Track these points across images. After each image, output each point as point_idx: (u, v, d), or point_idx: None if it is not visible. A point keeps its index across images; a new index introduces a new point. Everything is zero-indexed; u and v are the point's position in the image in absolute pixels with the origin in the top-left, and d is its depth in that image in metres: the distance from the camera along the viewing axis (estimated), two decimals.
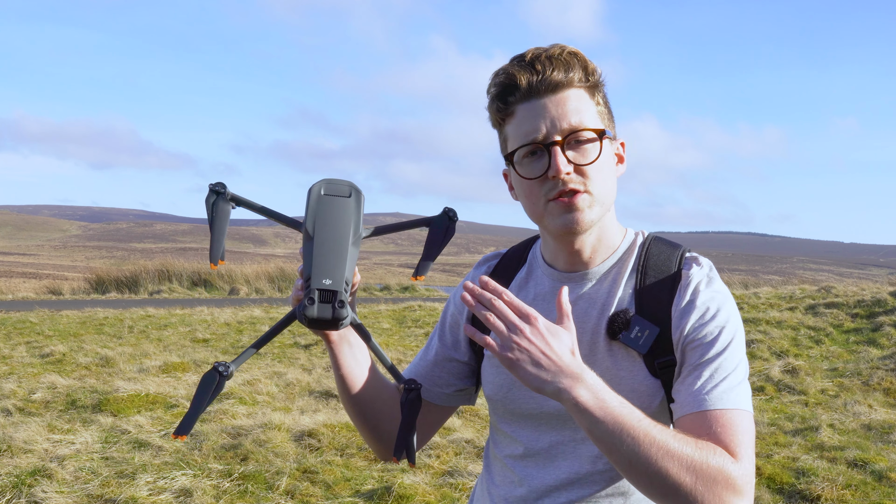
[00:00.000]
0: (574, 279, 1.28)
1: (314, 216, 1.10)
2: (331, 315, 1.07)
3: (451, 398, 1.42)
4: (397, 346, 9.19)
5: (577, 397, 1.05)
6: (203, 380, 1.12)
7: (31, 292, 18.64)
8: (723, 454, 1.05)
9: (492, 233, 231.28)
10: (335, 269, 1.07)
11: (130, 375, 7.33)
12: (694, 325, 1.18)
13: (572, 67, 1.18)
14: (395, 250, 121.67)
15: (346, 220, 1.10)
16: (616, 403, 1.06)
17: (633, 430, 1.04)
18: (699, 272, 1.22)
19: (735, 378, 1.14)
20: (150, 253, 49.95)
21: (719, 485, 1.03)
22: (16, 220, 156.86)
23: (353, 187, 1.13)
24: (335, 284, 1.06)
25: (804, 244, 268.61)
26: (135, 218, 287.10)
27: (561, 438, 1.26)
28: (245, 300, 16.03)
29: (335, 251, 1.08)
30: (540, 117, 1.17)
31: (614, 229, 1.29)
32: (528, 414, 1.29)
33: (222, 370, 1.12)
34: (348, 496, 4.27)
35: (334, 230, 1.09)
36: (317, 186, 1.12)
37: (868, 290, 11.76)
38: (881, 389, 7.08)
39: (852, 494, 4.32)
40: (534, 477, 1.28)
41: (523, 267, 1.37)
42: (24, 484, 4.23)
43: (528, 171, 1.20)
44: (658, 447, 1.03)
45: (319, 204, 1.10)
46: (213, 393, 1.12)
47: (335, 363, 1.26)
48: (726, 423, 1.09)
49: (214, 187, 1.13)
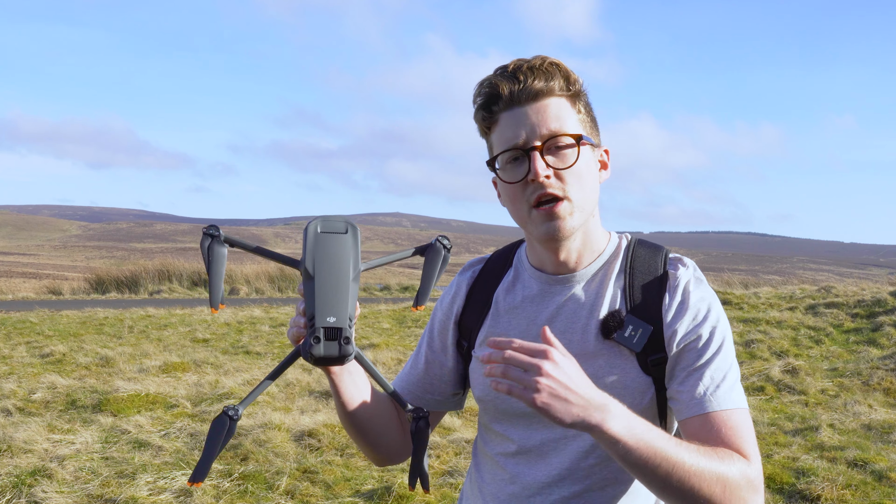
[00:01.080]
0: (561, 282, 1.31)
1: (313, 255, 1.10)
2: (337, 352, 1.08)
3: (442, 404, 1.44)
4: (397, 346, 9.20)
5: (610, 430, 1.06)
6: (213, 425, 1.12)
7: (31, 292, 18.65)
8: (740, 459, 1.13)
9: (492, 233, 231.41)
10: (338, 306, 1.08)
11: (130, 375, 7.33)
12: (688, 326, 1.24)
13: (553, 77, 1.23)
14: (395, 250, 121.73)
15: (345, 257, 1.11)
16: (644, 428, 1.09)
17: (665, 453, 1.08)
18: (686, 272, 1.28)
19: (732, 377, 1.21)
20: (150, 253, 49.96)
21: (742, 489, 1.11)
22: (16, 220, 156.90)
23: (349, 223, 1.13)
24: (339, 322, 1.07)
25: (804, 244, 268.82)
26: (135, 218, 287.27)
27: (553, 435, 1.28)
28: (245, 300, 16.03)
29: (337, 289, 1.09)
30: (521, 124, 1.22)
31: (599, 233, 1.33)
32: (521, 413, 1.30)
33: (232, 414, 1.12)
34: (348, 496, 4.28)
35: (334, 268, 1.10)
36: (313, 225, 1.12)
37: (868, 290, 11.76)
38: (881, 389, 7.08)
39: (852, 494, 4.32)
40: (526, 474, 1.30)
41: (510, 270, 1.39)
42: (24, 484, 4.23)
43: (509, 175, 1.25)
44: (689, 466, 1.09)
45: (317, 242, 1.11)
46: (225, 437, 1.12)
47: (336, 392, 1.26)
48: (733, 425, 1.17)
49: (208, 231, 1.12)
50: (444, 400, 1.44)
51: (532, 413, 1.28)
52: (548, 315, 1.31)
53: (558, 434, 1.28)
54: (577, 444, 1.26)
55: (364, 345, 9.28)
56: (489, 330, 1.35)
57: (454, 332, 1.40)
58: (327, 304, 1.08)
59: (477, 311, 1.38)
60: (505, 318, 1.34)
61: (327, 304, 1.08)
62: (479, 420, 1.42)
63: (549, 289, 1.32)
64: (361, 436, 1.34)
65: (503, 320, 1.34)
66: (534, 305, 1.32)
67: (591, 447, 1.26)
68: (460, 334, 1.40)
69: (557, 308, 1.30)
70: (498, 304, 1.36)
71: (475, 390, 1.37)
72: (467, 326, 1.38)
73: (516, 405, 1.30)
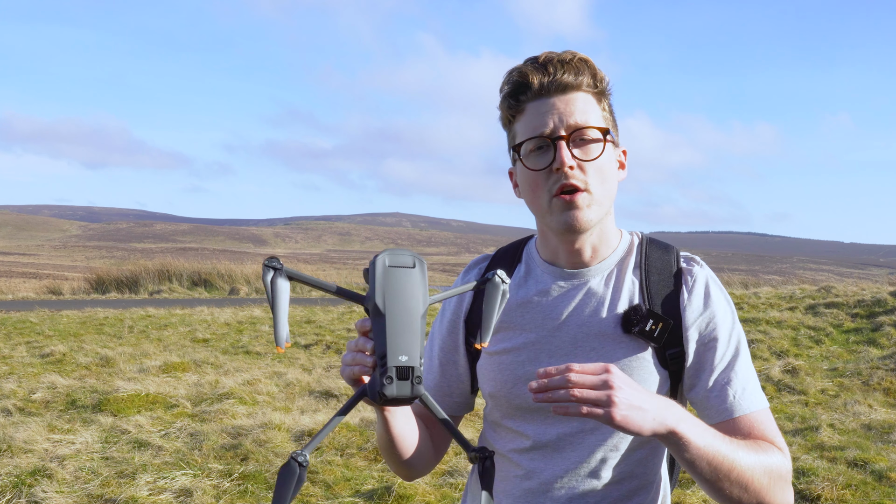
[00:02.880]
0: (577, 276, 1.32)
1: (383, 290, 1.06)
2: (409, 393, 1.04)
3: (461, 406, 1.44)
4: None
5: (685, 431, 1.09)
6: (281, 474, 1.05)
7: (31, 292, 18.65)
8: (777, 451, 1.21)
9: (491, 233, 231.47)
10: (411, 344, 1.04)
11: (130, 375, 7.33)
12: (708, 324, 1.27)
13: (582, 72, 1.25)
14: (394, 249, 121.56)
15: (415, 293, 1.07)
16: (703, 426, 1.14)
17: (725, 450, 1.13)
18: (702, 271, 1.31)
19: (754, 377, 1.27)
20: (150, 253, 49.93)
21: (782, 479, 1.19)
22: (16, 220, 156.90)
23: (416, 257, 1.09)
24: (411, 360, 1.04)
25: (804, 244, 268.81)
26: (134, 218, 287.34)
27: (569, 430, 1.28)
28: (245, 300, 16.03)
29: (409, 326, 1.05)
30: (548, 114, 1.24)
31: (613, 230, 1.34)
32: (536, 407, 1.30)
33: (301, 461, 1.05)
34: (348, 496, 4.28)
35: (405, 304, 1.06)
36: (381, 259, 1.08)
37: (868, 290, 11.75)
38: (881, 389, 7.08)
39: (852, 494, 4.32)
40: (542, 469, 1.30)
41: (520, 265, 1.39)
42: (24, 484, 4.23)
43: (533, 163, 1.25)
44: (743, 460, 1.15)
45: (386, 277, 1.06)
46: (296, 487, 1.05)
47: (386, 427, 1.24)
48: (763, 423, 1.24)
49: (270, 263, 1.06)
50: (462, 402, 1.44)
51: (546, 408, 1.28)
52: (565, 309, 1.31)
53: (575, 428, 1.28)
54: (593, 438, 1.27)
55: None
56: (501, 323, 1.35)
57: (464, 330, 1.40)
58: (399, 342, 1.04)
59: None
60: (518, 311, 1.34)
61: (399, 343, 1.04)
62: (488, 417, 1.42)
63: (564, 283, 1.32)
64: (401, 459, 1.33)
65: (516, 314, 1.34)
66: (548, 299, 1.32)
67: (608, 441, 1.27)
68: (468, 332, 1.39)
69: (574, 302, 1.30)
70: (510, 298, 1.35)
71: (486, 386, 1.36)
72: (475, 323, 1.38)
73: (531, 399, 1.30)
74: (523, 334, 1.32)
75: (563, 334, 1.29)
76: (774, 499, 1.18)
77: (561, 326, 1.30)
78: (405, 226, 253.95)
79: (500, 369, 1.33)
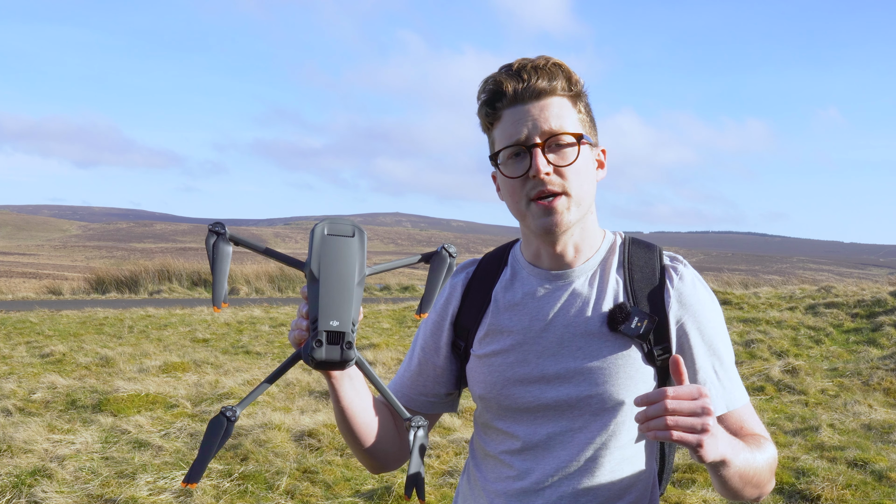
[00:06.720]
0: (561, 277, 1.34)
1: (319, 257, 1.08)
2: (339, 357, 1.06)
3: (436, 405, 1.45)
4: (397, 346, 9.20)
5: (732, 458, 1.14)
6: (210, 425, 1.10)
7: (31, 292, 18.64)
8: (770, 443, 1.28)
9: (491, 233, 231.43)
10: (342, 310, 1.06)
11: (130, 375, 7.33)
12: (696, 321, 1.30)
13: (556, 77, 1.27)
14: (395, 250, 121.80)
15: (351, 261, 1.09)
16: (738, 444, 1.18)
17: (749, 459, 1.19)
18: (686, 270, 1.33)
19: (736, 373, 1.33)
20: (150, 253, 49.96)
21: (774, 465, 1.28)
22: (16, 220, 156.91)
23: (356, 226, 1.12)
24: (342, 326, 1.06)
25: (804, 244, 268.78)
26: (132, 217, 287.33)
27: (558, 429, 1.30)
28: (245, 300, 16.03)
29: (342, 292, 1.07)
30: (523, 121, 1.26)
31: (595, 230, 1.37)
32: (525, 408, 1.32)
33: (229, 415, 1.10)
34: (348, 496, 4.28)
35: (340, 271, 1.08)
36: (320, 227, 1.10)
37: (868, 289, 11.76)
38: (881, 389, 7.08)
39: (852, 494, 4.32)
40: (534, 469, 1.31)
41: (506, 268, 1.41)
42: (24, 484, 4.23)
43: (511, 170, 1.28)
44: (757, 461, 1.21)
45: (324, 244, 1.09)
46: (222, 439, 1.10)
47: (335, 397, 1.26)
48: (750, 417, 1.31)
49: (214, 228, 1.11)
50: (437, 401, 1.45)
51: (536, 407, 1.31)
52: (551, 310, 1.32)
53: (564, 427, 1.30)
54: (582, 436, 1.29)
55: (364, 345, 9.28)
56: (489, 326, 1.36)
57: (449, 333, 1.41)
58: (331, 307, 1.06)
59: (475, 310, 1.39)
60: (506, 314, 1.36)
61: (331, 308, 1.06)
62: (478, 419, 1.43)
63: (550, 284, 1.34)
64: (359, 442, 1.34)
65: (504, 317, 1.36)
66: (535, 301, 1.34)
67: (596, 439, 1.28)
68: (456, 335, 1.41)
69: (559, 303, 1.32)
70: (497, 301, 1.37)
71: (476, 388, 1.37)
72: (465, 326, 1.39)
73: (521, 400, 1.32)
74: (511, 336, 1.34)
75: (549, 335, 1.31)
76: (770, 486, 1.27)
77: (547, 327, 1.31)
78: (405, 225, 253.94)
79: (490, 371, 1.34)
